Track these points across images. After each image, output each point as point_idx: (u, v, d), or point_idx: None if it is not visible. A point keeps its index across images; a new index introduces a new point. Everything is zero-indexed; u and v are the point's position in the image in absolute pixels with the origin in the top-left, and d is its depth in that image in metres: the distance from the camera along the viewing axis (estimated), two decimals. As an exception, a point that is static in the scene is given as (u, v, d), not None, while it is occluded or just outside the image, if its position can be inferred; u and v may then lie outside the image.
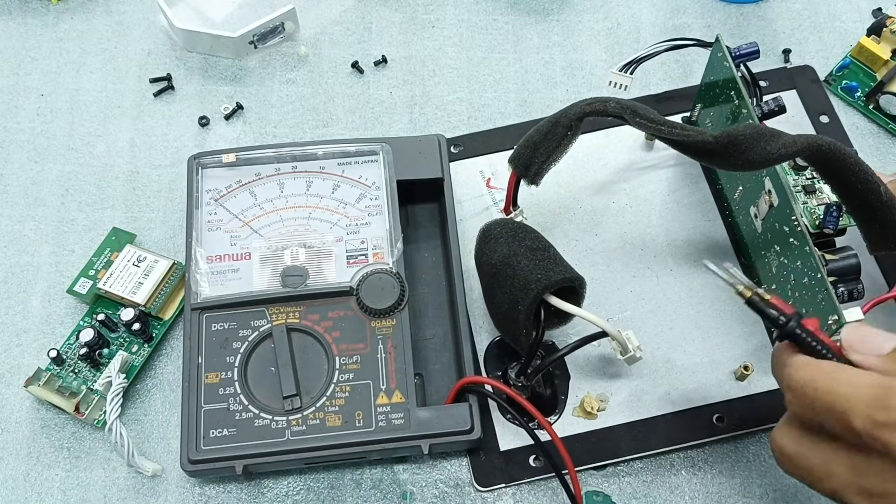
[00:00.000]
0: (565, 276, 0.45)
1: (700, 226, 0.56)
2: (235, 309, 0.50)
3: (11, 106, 0.61)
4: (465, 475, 0.50)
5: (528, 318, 0.45)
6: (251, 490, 0.50)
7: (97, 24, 0.65)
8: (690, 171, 0.58)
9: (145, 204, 0.58)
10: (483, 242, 0.49)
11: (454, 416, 0.48)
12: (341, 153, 0.55)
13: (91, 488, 0.50)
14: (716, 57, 0.52)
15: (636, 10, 0.65)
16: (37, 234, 0.57)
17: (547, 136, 0.47)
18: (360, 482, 0.50)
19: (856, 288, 0.48)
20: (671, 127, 0.44)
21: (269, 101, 0.62)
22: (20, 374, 0.52)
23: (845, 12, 0.65)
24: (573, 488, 0.46)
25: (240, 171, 0.54)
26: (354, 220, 0.53)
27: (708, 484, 0.50)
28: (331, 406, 0.48)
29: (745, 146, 0.42)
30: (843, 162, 0.42)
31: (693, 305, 0.53)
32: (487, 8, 0.66)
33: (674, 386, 0.51)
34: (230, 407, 0.48)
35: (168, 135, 0.60)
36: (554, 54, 0.64)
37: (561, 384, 0.51)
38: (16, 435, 0.51)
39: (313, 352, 0.49)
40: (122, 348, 0.52)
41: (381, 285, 0.50)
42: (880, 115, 0.60)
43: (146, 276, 0.53)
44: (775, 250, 0.49)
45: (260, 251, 0.52)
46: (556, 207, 0.57)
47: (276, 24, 0.62)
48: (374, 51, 0.64)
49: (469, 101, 0.62)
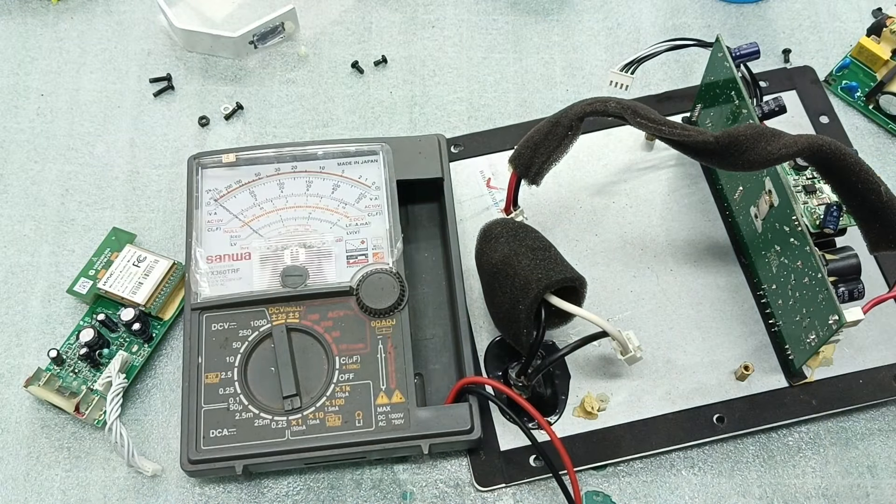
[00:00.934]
0: (566, 276, 0.45)
1: (700, 226, 0.56)
2: (235, 309, 0.50)
3: (11, 106, 0.61)
4: (465, 475, 0.50)
5: (528, 317, 0.45)
6: (251, 490, 0.50)
7: (97, 24, 0.64)
8: (690, 171, 0.58)
9: (145, 204, 0.58)
10: (484, 242, 0.49)
11: (454, 416, 0.48)
12: (341, 153, 0.55)
13: (91, 488, 0.50)
14: (716, 57, 0.52)
15: (636, 10, 0.65)
16: (37, 234, 0.57)
17: (547, 136, 0.47)
18: (360, 482, 0.50)
19: (856, 288, 0.48)
20: (672, 127, 0.44)
21: (269, 101, 0.62)
22: (20, 374, 0.52)
23: (845, 12, 0.65)
24: (573, 489, 0.46)
25: (240, 171, 0.54)
26: (354, 219, 0.53)
27: (708, 484, 0.50)
28: (331, 406, 0.48)
29: (746, 146, 0.42)
30: (843, 162, 0.42)
31: (693, 305, 0.53)
32: (487, 8, 0.66)
33: (674, 386, 0.51)
34: (230, 407, 0.48)
35: (168, 135, 0.60)
36: (554, 54, 0.64)
37: (561, 384, 0.51)
38: (16, 435, 0.51)
39: (313, 352, 0.49)
40: (122, 348, 0.52)
41: (381, 285, 0.50)
42: (880, 115, 0.60)
43: (146, 276, 0.53)
44: (775, 250, 0.49)
45: (260, 251, 0.52)
46: (556, 207, 0.57)
47: (276, 24, 0.62)
48: (374, 51, 0.64)
49: (469, 101, 0.62)
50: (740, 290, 0.54)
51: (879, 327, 0.52)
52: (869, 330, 0.52)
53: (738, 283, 0.54)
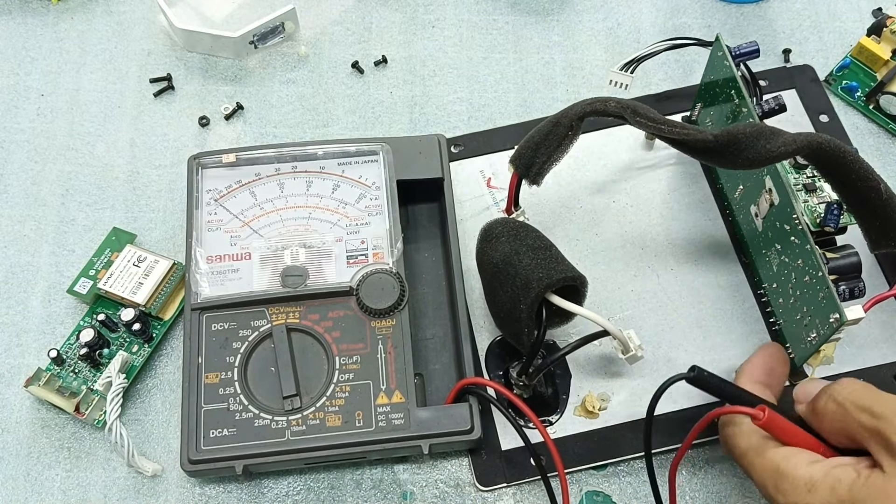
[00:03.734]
0: (567, 275, 0.45)
1: (700, 225, 0.56)
2: (235, 309, 0.50)
3: (11, 106, 0.61)
4: (465, 475, 0.50)
5: (529, 316, 0.45)
6: (251, 490, 0.49)
7: (97, 24, 0.65)
8: (690, 170, 0.58)
9: (145, 204, 0.58)
10: (484, 241, 0.49)
11: (454, 416, 0.48)
12: (341, 153, 0.55)
13: (91, 488, 0.50)
14: (716, 56, 0.52)
15: (636, 10, 0.65)
16: (37, 234, 0.57)
17: (548, 136, 0.47)
18: (360, 482, 0.50)
19: (857, 286, 0.48)
20: (671, 126, 0.44)
21: (269, 101, 0.62)
22: (20, 374, 0.52)
23: (845, 12, 0.65)
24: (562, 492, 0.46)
25: (240, 171, 0.54)
26: (354, 219, 0.53)
27: (708, 484, 0.50)
28: (331, 406, 0.48)
29: (746, 144, 0.42)
30: (843, 160, 0.42)
31: (694, 305, 0.53)
32: (487, 8, 0.66)
33: (675, 385, 0.51)
34: (230, 407, 0.48)
35: (168, 135, 0.60)
36: (554, 54, 0.64)
37: (562, 383, 0.51)
38: (16, 435, 0.51)
39: (313, 352, 0.49)
40: (122, 348, 0.52)
41: (381, 285, 0.50)
42: (880, 115, 0.60)
43: (146, 276, 0.53)
44: (776, 249, 0.49)
45: (260, 251, 0.52)
46: (556, 207, 0.57)
47: (276, 24, 0.62)
48: (374, 51, 0.64)
49: (469, 101, 0.62)
50: (741, 288, 0.54)
51: (880, 325, 0.52)
52: (870, 328, 0.52)
53: (739, 282, 0.54)
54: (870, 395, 0.39)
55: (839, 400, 0.40)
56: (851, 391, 0.40)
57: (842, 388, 0.40)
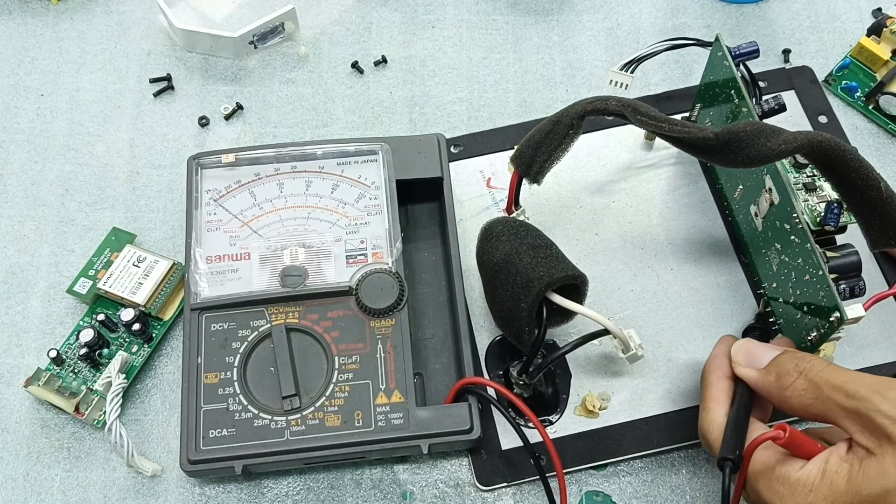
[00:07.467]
0: (568, 274, 0.45)
1: (700, 224, 0.56)
2: (235, 309, 0.50)
3: (11, 106, 0.61)
4: (465, 475, 0.50)
5: (530, 315, 0.45)
6: (251, 490, 0.49)
7: (97, 24, 0.65)
8: (690, 170, 0.58)
9: (145, 204, 0.58)
10: (485, 240, 0.49)
11: (453, 415, 0.47)
12: (341, 153, 0.55)
13: (91, 488, 0.50)
14: (716, 56, 0.52)
15: (636, 10, 0.65)
16: (37, 234, 0.57)
17: (549, 135, 0.47)
18: (360, 482, 0.50)
19: (857, 285, 0.48)
20: (672, 124, 0.44)
21: (269, 101, 0.62)
22: (20, 374, 0.52)
23: (845, 12, 0.65)
24: (560, 492, 0.46)
25: (239, 171, 0.54)
26: (354, 219, 0.53)
27: (709, 483, 0.49)
28: (330, 406, 0.48)
29: (746, 143, 0.42)
30: (843, 158, 0.42)
31: (694, 304, 0.53)
32: (487, 8, 0.66)
33: (675, 384, 0.51)
34: (229, 407, 0.48)
35: (168, 135, 0.60)
36: (554, 54, 0.64)
37: (562, 383, 0.51)
38: (16, 435, 0.51)
39: (312, 352, 0.49)
40: (121, 348, 0.52)
41: (381, 285, 0.50)
42: (880, 116, 0.60)
43: (146, 276, 0.53)
44: (776, 248, 0.49)
45: (259, 251, 0.52)
46: (556, 207, 0.57)
47: (276, 24, 0.62)
48: (374, 51, 0.64)
49: (469, 101, 0.62)
50: (741, 288, 0.54)
51: (880, 324, 0.52)
52: (870, 327, 0.52)
53: (739, 282, 0.54)
54: (842, 375, 0.40)
55: (811, 377, 0.40)
56: (822, 369, 0.40)
57: (811, 365, 0.41)
